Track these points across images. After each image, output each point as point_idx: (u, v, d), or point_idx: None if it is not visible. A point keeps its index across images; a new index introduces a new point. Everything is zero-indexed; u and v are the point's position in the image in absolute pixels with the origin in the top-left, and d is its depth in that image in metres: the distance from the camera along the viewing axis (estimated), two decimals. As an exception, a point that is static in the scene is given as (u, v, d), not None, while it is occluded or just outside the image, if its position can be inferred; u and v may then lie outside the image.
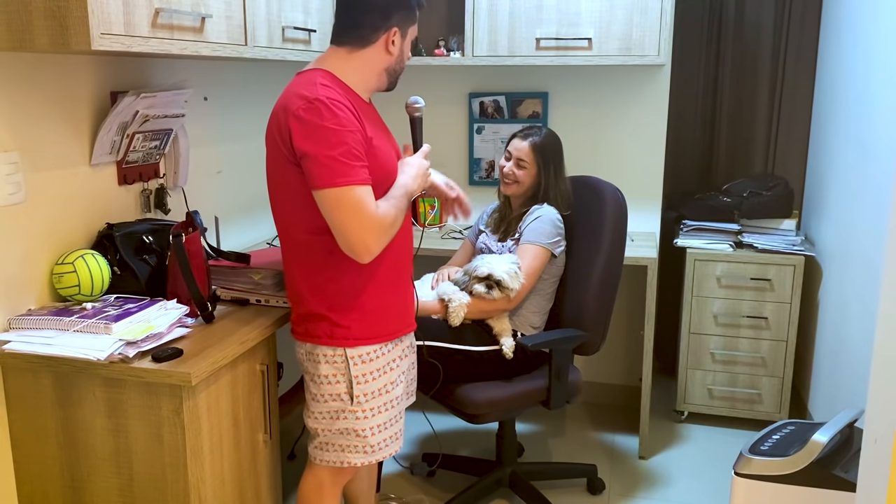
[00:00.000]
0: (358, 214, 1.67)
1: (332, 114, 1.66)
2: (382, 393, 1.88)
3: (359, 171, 1.68)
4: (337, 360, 1.83)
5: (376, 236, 1.71)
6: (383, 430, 1.91)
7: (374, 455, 1.90)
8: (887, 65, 2.44)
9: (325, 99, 1.67)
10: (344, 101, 1.71)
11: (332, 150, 1.65)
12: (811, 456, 1.93)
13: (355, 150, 1.68)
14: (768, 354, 3.12)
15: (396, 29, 1.81)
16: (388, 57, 1.83)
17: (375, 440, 1.89)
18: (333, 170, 1.65)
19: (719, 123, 3.54)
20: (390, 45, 1.81)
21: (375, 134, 1.80)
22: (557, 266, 2.52)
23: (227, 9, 2.06)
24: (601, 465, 2.90)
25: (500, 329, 2.41)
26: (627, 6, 2.82)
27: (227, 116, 2.71)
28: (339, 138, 1.66)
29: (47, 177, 1.90)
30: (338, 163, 1.65)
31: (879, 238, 2.40)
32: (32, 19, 1.58)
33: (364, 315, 1.83)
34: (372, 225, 1.69)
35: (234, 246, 2.56)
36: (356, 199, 1.67)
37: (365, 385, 1.85)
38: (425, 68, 3.22)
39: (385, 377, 1.89)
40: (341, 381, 1.84)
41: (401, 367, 1.95)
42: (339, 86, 1.77)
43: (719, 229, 3.19)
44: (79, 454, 1.76)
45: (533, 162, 2.53)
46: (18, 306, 1.83)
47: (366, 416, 1.87)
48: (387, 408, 1.90)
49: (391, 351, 1.91)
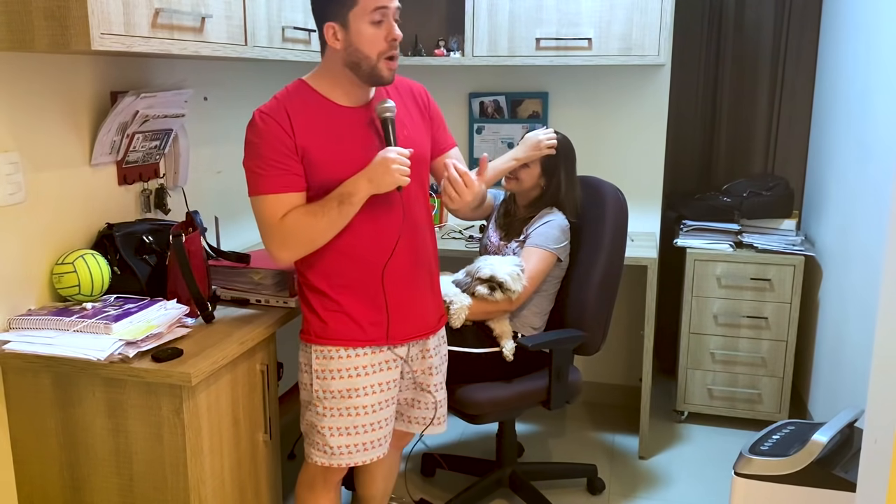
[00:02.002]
0: (261, 223, 1.80)
1: (255, 127, 1.77)
2: (345, 396, 1.87)
3: (271, 180, 1.75)
4: (308, 350, 1.90)
5: (280, 245, 1.79)
6: (344, 434, 1.88)
7: (334, 458, 1.90)
8: (887, 65, 2.44)
9: (257, 113, 1.78)
10: (274, 112, 1.77)
11: (250, 161, 1.79)
12: (811, 456, 1.93)
13: (271, 159, 1.75)
14: (768, 354, 3.12)
15: (330, 23, 1.75)
16: (337, 53, 1.78)
17: (335, 442, 1.89)
18: (249, 180, 1.79)
19: (719, 123, 3.54)
20: (334, 40, 1.77)
21: (319, 138, 1.78)
22: (560, 269, 2.52)
23: (227, 9, 2.06)
24: (601, 465, 2.90)
25: (501, 331, 2.41)
26: (627, 6, 2.82)
27: (227, 116, 2.71)
28: (256, 150, 1.77)
29: (47, 177, 1.90)
30: (252, 173, 1.78)
31: (879, 238, 2.40)
32: (32, 19, 1.58)
33: (322, 317, 1.87)
34: (274, 234, 1.78)
35: (234, 246, 2.56)
36: (262, 208, 1.78)
37: (324, 381, 1.87)
38: (425, 68, 3.21)
39: (348, 381, 1.86)
40: (308, 371, 1.90)
41: (372, 379, 1.89)
42: (301, 94, 1.82)
43: (719, 229, 3.19)
44: (79, 454, 1.76)
45: (537, 162, 2.51)
46: (18, 306, 1.83)
47: (323, 414, 1.88)
48: (349, 413, 1.87)
49: (358, 357, 1.87)
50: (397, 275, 1.88)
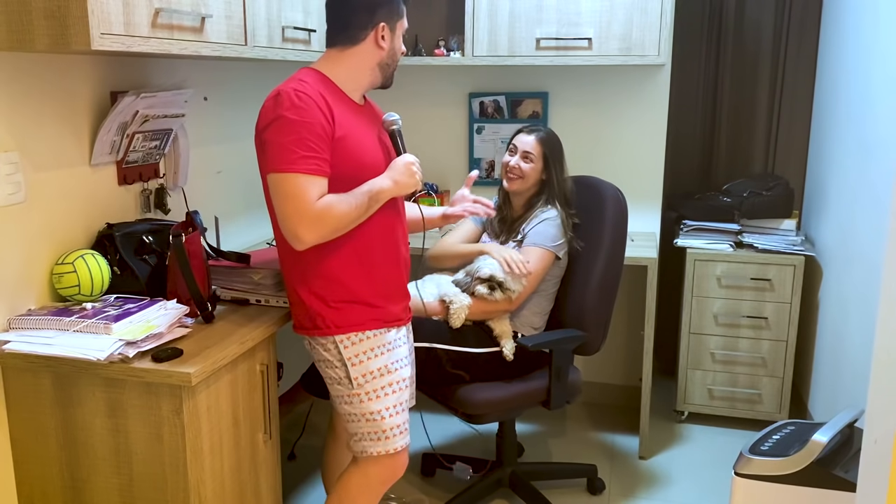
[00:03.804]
0: (294, 201, 1.71)
1: (293, 104, 1.71)
2: (384, 373, 1.89)
3: (307, 160, 1.71)
4: (329, 346, 1.89)
5: (309, 226, 1.73)
6: (394, 414, 1.90)
7: (390, 443, 1.90)
8: (887, 65, 2.44)
9: (290, 90, 1.73)
10: (312, 94, 1.74)
11: (283, 137, 1.71)
12: (811, 456, 1.93)
13: (309, 140, 1.71)
14: (768, 354, 3.12)
15: (384, 24, 1.86)
16: (380, 52, 1.89)
17: (388, 424, 1.89)
18: (280, 156, 1.71)
19: (719, 123, 3.54)
20: (380, 40, 1.87)
21: (353, 129, 1.83)
22: (559, 268, 2.52)
23: (227, 9, 2.06)
24: (601, 465, 2.89)
25: (501, 331, 2.41)
26: (627, 6, 2.82)
27: (227, 116, 2.71)
28: (293, 127, 1.71)
29: (47, 177, 1.90)
30: (286, 150, 1.70)
31: (879, 238, 2.40)
32: (32, 19, 1.58)
33: (345, 306, 1.87)
34: (306, 214, 1.72)
35: (234, 246, 2.56)
36: (293, 186, 1.71)
37: (360, 366, 1.88)
38: (425, 68, 3.22)
39: (383, 357, 1.90)
40: (338, 365, 1.89)
41: (404, 350, 1.96)
42: (322, 83, 1.82)
43: (719, 229, 3.19)
44: (79, 454, 1.75)
45: (540, 156, 2.51)
46: (18, 306, 1.83)
47: (369, 398, 1.88)
48: (393, 389, 1.91)
49: (382, 335, 1.92)
50: (403, 260, 2.01)
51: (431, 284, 2.49)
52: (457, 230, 2.69)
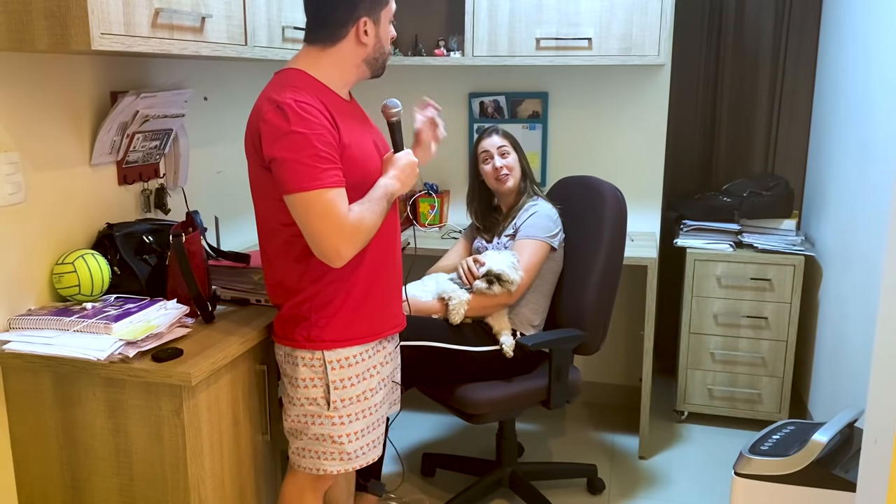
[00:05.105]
0: (328, 219, 1.64)
1: (300, 117, 1.63)
2: (361, 399, 1.84)
3: (329, 173, 1.64)
4: (315, 363, 1.80)
5: (347, 241, 1.66)
6: (360, 437, 1.86)
7: (351, 462, 1.86)
8: (887, 65, 2.44)
9: (292, 102, 1.64)
10: (313, 102, 1.67)
11: (299, 153, 1.62)
12: (811, 456, 1.93)
13: (324, 152, 1.64)
14: (768, 354, 3.12)
15: (365, 18, 1.75)
16: (363, 48, 1.78)
17: (352, 447, 1.85)
18: (302, 174, 1.62)
19: (719, 123, 3.54)
20: (362, 36, 1.76)
21: (353, 134, 1.76)
22: (556, 262, 2.53)
23: (227, 9, 2.06)
24: (601, 465, 2.90)
25: (500, 327, 2.42)
26: (627, 6, 2.82)
27: (227, 116, 2.71)
28: (307, 142, 1.62)
29: (47, 177, 1.90)
30: (306, 167, 1.62)
31: (879, 238, 2.40)
32: (32, 19, 1.58)
33: (343, 316, 1.80)
34: (343, 230, 1.65)
35: (234, 246, 2.56)
36: (326, 203, 1.63)
37: (342, 391, 1.82)
38: (425, 68, 3.22)
39: (364, 384, 1.85)
40: (318, 385, 1.81)
41: (381, 374, 1.91)
42: (313, 85, 1.74)
43: (719, 229, 3.20)
44: (79, 454, 1.76)
45: (511, 146, 2.60)
46: (18, 306, 1.83)
47: (342, 423, 1.83)
48: (364, 414, 1.86)
49: (372, 357, 1.87)
50: (399, 263, 1.98)
51: (431, 283, 2.51)
52: (449, 253, 2.76)
